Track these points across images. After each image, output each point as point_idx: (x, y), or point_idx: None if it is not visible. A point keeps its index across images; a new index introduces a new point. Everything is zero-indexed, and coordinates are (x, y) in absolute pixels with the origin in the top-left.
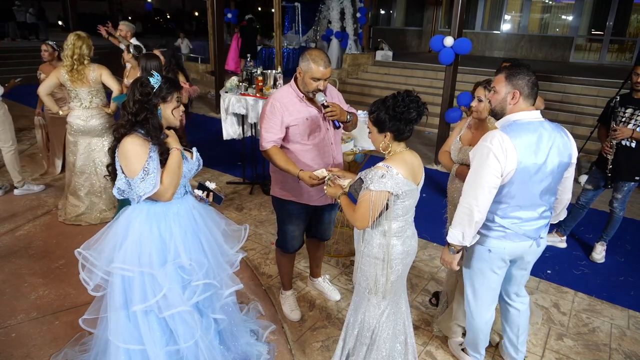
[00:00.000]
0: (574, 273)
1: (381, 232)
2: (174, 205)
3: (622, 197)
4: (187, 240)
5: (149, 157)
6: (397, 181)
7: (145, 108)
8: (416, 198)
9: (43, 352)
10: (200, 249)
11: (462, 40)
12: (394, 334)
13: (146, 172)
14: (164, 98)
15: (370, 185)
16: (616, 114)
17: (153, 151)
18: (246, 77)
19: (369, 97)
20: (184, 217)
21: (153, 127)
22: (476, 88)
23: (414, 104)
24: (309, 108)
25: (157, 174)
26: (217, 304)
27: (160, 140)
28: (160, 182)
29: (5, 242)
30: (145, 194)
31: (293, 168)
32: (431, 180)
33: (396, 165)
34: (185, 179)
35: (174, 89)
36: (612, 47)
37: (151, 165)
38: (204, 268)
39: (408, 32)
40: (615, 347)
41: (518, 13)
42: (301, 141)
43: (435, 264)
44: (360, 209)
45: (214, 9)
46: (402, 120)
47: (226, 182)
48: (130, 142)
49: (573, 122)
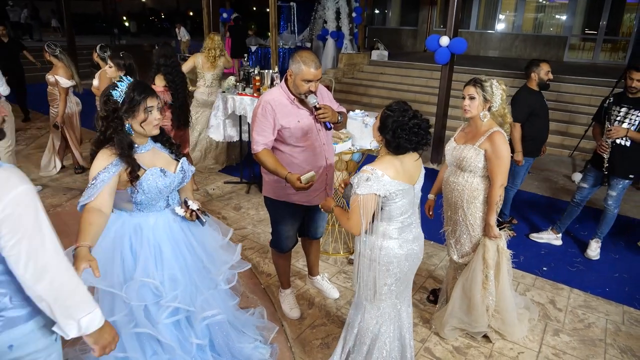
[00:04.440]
0: (569, 270)
1: (381, 234)
2: (150, 217)
3: (616, 194)
4: (162, 254)
5: (105, 167)
6: (382, 182)
7: (110, 126)
8: (412, 197)
9: None
10: (178, 265)
11: (457, 39)
12: (394, 336)
13: (94, 179)
14: (128, 113)
15: (357, 189)
16: (610, 113)
17: (115, 165)
18: (243, 77)
19: (365, 96)
20: (160, 230)
21: (119, 145)
22: (465, 87)
23: (418, 138)
24: (300, 110)
25: (103, 187)
26: (199, 326)
27: (128, 158)
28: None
29: None
30: (81, 202)
31: (282, 170)
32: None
33: (382, 167)
34: (162, 194)
35: (141, 100)
36: (606, 47)
37: (101, 176)
38: (178, 286)
39: (403, 31)
40: (611, 342)
41: (512, 12)
42: (293, 143)
43: (433, 262)
44: (352, 215)
45: (210, 9)
46: (397, 142)
47: (224, 181)
48: (99, 155)
49: (567, 121)
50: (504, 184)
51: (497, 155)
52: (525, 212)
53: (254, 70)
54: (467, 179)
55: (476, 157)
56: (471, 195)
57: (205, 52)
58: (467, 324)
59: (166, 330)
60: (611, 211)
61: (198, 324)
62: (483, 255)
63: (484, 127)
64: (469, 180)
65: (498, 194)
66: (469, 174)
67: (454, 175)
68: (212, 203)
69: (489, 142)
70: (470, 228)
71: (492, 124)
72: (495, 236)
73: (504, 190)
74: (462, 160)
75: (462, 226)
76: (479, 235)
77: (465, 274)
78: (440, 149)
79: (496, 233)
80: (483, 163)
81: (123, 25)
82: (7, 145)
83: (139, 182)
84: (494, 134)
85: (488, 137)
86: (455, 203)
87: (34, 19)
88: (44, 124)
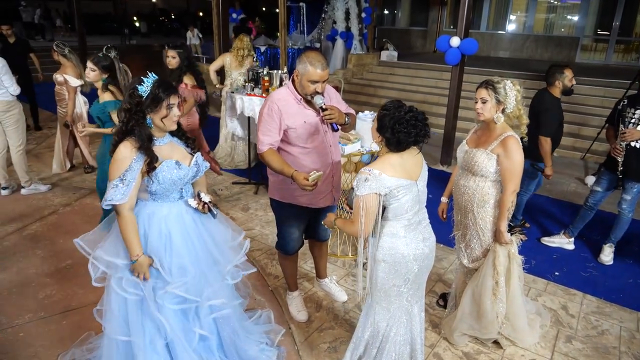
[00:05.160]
0: (582, 275)
1: (387, 233)
2: (164, 207)
3: (631, 198)
4: (171, 243)
5: (129, 167)
6: (381, 181)
7: (133, 118)
8: (416, 194)
9: (50, 352)
10: (188, 255)
11: (468, 40)
12: (404, 339)
13: (122, 180)
14: (151, 108)
15: (357, 191)
16: (624, 116)
17: (137, 161)
18: (252, 78)
19: (374, 97)
20: (173, 220)
21: (139, 137)
22: (477, 90)
23: (416, 130)
24: (307, 111)
25: (132, 186)
26: (205, 318)
27: (147, 150)
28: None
29: (12, 242)
30: (113, 200)
31: (288, 169)
32: (437, 180)
33: (379, 167)
34: (177, 186)
35: (164, 96)
36: (619, 48)
37: (128, 176)
38: (187, 275)
39: (413, 32)
40: (625, 350)
41: (523, 13)
42: (300, 144)
43: (443, 265)
44: (355, 217)
45: (219, 9)
46: (397, 138)
47: (232, 182)
48: (121, 147)
49: (580, 123)
50: (517, 189)
51: (510, 161)
52: (536, 215)
53: (262, 71)
54: (478, 183)
55: (488, 162)
56: (482, 200)
57: (234, 52)
58: (477, 330)
59: (171, 316)
60: (625, 215)
61: (205, 314)
62: (493, 261)
63: (498, 130)
64: (480, 184)
65: (510, 200)
66: (480, 178)
67: (465, 179)
68: (220, 204)
69: (501, 147)
70: (480, 232)
71: (505, 127)
72: (506, 242)
73: (516, 196)
74: (474, 165)
75: (473, 230)
76: (490, 240)
77: (475, 279)
78: (450, 151)
79: (507, 239)
80: (495, 168)
81: (133, 25)
82: (18, 145)
83: (154, 172)
84: (507, 139)
85: (501, 142)
86: (466, 207)
87: (46, 19)
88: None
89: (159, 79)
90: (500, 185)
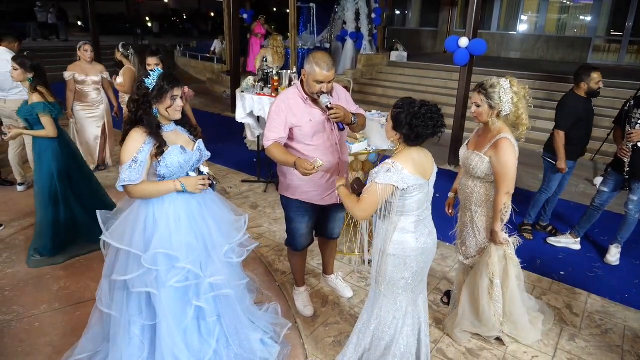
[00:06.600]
0: (587, 275)
1: (398, 228)
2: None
3: (637, 199)
4: (180, 223)
5: (140, 149)
6: (402, 176)
7: (141, 108)
8: (427, 193)
9: (65, 341)
10: (194, 234)
11: (477, 41)
12: (412, 332)
13: (135, 161)
14: (157, 99)
15: (376, 178)
16: (631, 117)
17: (147, 144)
18: (262, 77)
19: (384, 97)
20: (180, 202)
21: (149, 124)
22: (471, 93)
23: (433, 122)
24: (313, 110)
25: (144, 167)
26: (204, 296)
27: (156, 135)
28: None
29: (28, 236)
30: (129, 181)
31: (290, 158)
32: (444, 180)
33: (401, 162)
34: (183, 169)
35: (169, 88)
36: (632, 48)
37: (140, 157)
38: (194, 252)
39: (423, 32)
40: (628, 349)
41: (535, 13)
42: (305, 142)
43: (448, 264)
44: (365, 199)
45: (230, 10)
46: (415, 132)
47: (241, 180)
48: (132, 133)
49: None
50: (510, 191)
51: (500, 163)
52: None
53: (272, 70)
54: (476, 184)
55: (481, 164)
56: (479, 200)
57: (273, 50)
58: (477, 327)
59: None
60: (632, 216)
61: (205, 291)
62: (487, 261)
63: (494, 132)
64: (477, 185)
65: (502, 201)
66: (477, 179)
67: (465, 178)
68: (229, 201)
69: (493, 149)
70: (476, 231)
71: (502, 128)
72: (501, 242)
73: (510, 198)
74: (469, 167)
75: (469, 228)
76: (485, 240)
77: (471, 279)
78: (458, 151)
79: (502, 239)
80: (488, 170)
81: (146, 25)
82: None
83: (162, 156)
84: (499, 141)
85: (493, 144)
86: (465, 205)
87: (60, 20)
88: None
89: (164, 73)
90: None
